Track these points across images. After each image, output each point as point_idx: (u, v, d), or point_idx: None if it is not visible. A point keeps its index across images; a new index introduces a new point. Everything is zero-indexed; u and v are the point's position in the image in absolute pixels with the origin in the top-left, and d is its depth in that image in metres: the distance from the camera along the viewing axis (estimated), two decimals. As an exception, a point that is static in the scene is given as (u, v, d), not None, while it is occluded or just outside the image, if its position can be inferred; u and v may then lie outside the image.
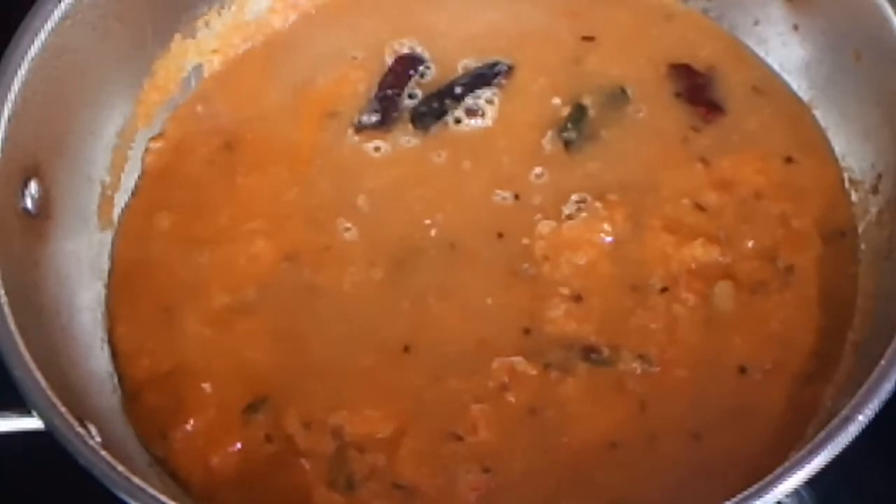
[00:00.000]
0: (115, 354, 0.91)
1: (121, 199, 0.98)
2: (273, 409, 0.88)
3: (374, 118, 0.99)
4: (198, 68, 1.03)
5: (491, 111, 0.98)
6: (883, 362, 0.75)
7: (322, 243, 0.94)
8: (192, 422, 0.87)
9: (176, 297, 0.92)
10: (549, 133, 0.97)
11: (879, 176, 0.90)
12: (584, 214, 0.92)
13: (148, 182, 0.99)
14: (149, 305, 0.93)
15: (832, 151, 0.95)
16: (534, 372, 0.87)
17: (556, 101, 0.98)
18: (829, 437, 0.73)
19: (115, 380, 0.90)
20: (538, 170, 0.95)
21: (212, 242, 0.94)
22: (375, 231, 0.94)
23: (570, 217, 0.92)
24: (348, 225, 0.94)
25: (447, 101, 0.99)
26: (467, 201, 0.95)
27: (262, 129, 1.00)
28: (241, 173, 0.98)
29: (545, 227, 0.92)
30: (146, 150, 1.00)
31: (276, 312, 0.92)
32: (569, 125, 0.97)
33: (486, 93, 0.99)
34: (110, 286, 0.94)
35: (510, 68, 1.00)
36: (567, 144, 0.96)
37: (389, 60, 1.02)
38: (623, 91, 0.98)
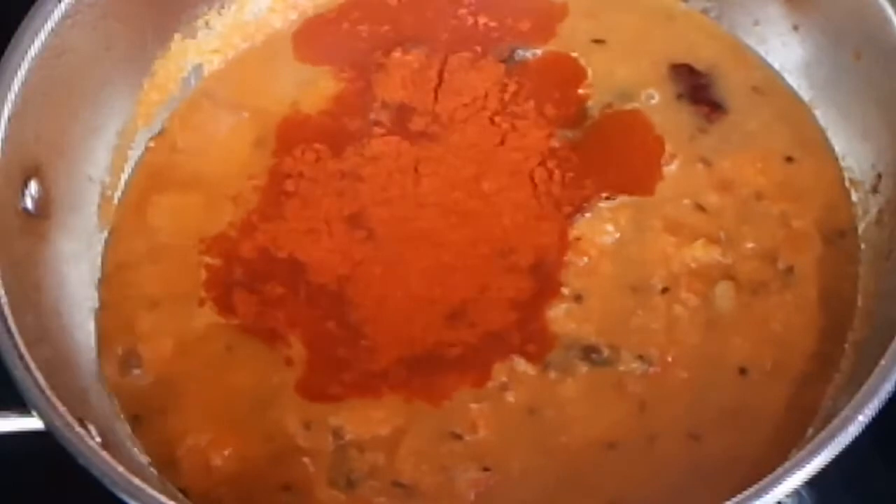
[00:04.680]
0: (113, 353, 0.91)
1: (121, 199, 0.98)
2: (274, 409, 0.87)
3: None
4: (198, 68, 1.03)
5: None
6: (883, 362, 0.75)
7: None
8: (192, 421, 0.87)
9: (175, 296, 0.93)
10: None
11: (879, 176, 0.90)
12: (587, 215, 0.92)
13: (148, 181, 0.99)
14: (148, 304, 0.93)
15: (832, 151, 0.95)
16: (533, 372, 0.87)
17: (561, 100, 0.99)
18: (829, 437, 0.73)
19: (114, 379, 0.90)
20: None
21: (212, 242, 0.95)
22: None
23: (571, 217, 0.92)
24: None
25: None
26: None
27: (262, 130, 1.00)
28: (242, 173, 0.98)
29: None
30: (146, 149, 1.00)
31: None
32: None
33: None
34: (109, 284, 0.94)
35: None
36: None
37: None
38: (626, 92, 0.98)
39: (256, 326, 0.91)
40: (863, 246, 0.90)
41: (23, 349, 0.79)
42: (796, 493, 0.86)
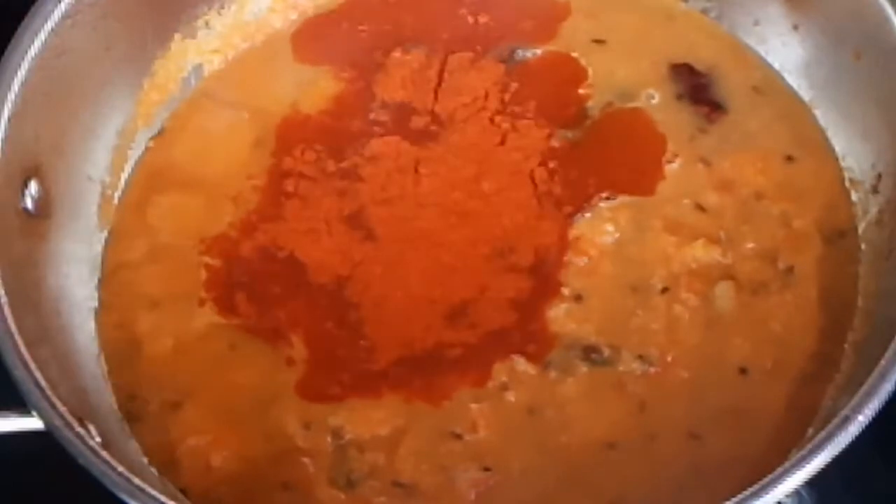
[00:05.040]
0: (113, 353, 0.91)
1: (121, 199, 0.98)
2: (274, 409, 0.87)
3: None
4: (198, 68, 1.03)
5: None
6: (883, 362, 0.75)
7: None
8: (192, 421, 0.87)
9: (175, 296, 0.92)
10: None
11: (879, 176, 0.90)
12: (587, 215, 0.92)
13: (148, 181, 0.99)
14: (148, 304, 0.93)
15: (832, 151, 0.95)
16: (533, 372, 0.87)
17: (562, 100, 0.99)
18: (829, 437, 0.73)
19: (114, 379, 0.90)
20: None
21: (212, 242, 0.95)
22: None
23: (571, 217, 0.92)
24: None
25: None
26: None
27: (262, 130, 1.00)
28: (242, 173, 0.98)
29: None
30: (146, 149, 1.00)
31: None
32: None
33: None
34: (109, 284, 0.94)
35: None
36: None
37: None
38: (626, 92, 0.98)
39: (258, 326, 0.91)
40: (863, 246, 0.90)
41: (23, 349, 0.79)
42: (796, 493, 0.86)
